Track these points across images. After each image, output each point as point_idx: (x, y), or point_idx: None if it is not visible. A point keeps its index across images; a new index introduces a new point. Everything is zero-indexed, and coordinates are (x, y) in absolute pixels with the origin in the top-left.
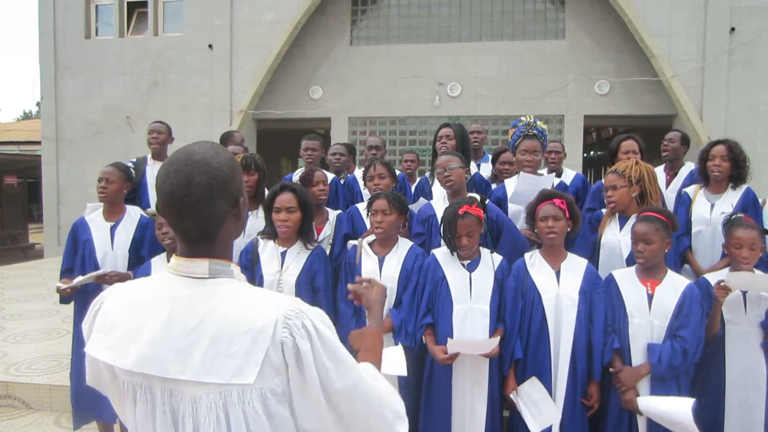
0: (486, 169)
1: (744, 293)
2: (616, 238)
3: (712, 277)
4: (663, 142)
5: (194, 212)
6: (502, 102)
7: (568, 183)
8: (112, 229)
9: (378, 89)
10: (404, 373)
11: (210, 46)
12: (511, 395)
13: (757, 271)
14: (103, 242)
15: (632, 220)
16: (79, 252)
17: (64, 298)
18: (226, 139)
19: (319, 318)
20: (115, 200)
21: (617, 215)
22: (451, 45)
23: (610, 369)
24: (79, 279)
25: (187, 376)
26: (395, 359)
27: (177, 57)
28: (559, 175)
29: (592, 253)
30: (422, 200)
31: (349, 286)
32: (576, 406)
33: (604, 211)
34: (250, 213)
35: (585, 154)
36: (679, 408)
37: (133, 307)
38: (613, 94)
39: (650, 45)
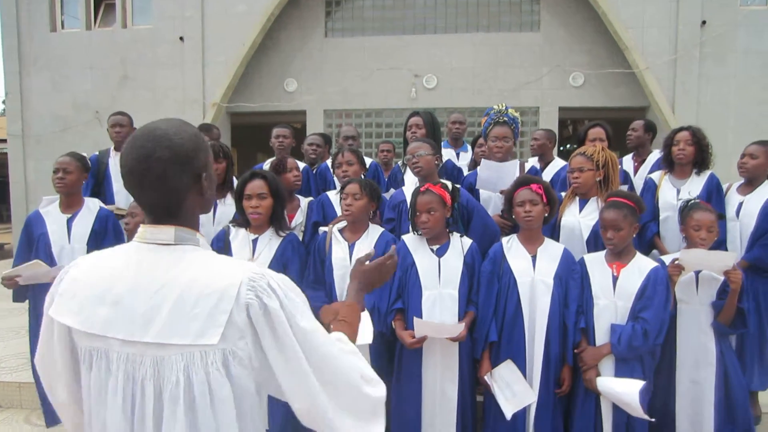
0: (465, 159)
1: (696, 274)
2: (576, 219)
3: (668, 259)
4: (627, 131)
5: (155, 186)
6: (478, 94)
7: (553, 172)
8: (69, 222)
9: (353, 81)
10: (369, 341)
11: (181, 38)
12: (486, 377)
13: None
14: (59, 235)
15: (592, 202)
16: (33, 247)
17: (17, 296)
18: (204, 132)
19: (284, 281)
20: (73, 191)
21: (577, 198)
22: (427, 37)
23: (575, 350)
24: (24, 266)
25: (150, 338)
26: (363, 327)
27: (147, 50)
28: (547, 164)
29: (551, 234)
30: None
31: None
32: (549, 389)
33: (563, 194)
34: (218, 201)
35: (561, 147)
36: (628, 389)
37: (99, 272)
38: (588, 86)
39: (623, 37)
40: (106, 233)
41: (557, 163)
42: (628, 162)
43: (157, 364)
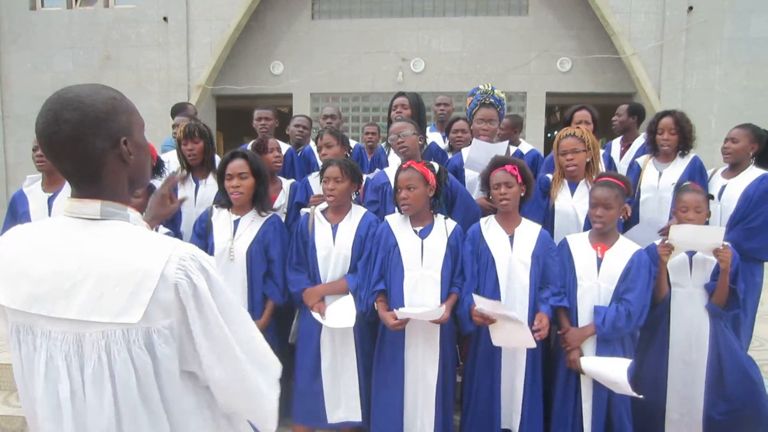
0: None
1: (690, 256)
2: (570, 204)
3: (659, 241)
4: (614, 116)
5: (66, 151)
6: (466, 78)
7: (524, 152)
8: (50, 200)
9: (340, 65)
10: (351, 324)
11: (165, 18)
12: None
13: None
14: (41, 213)
15: (582, 185)
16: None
17: None
18: (179, 110)
19: (211, 263)
20: (53, 169)
21: (566, 181)
22: (415, 20)
23: (558, 332)
24: None
25: (72, 315)
26: (345, 310)
27: (130, 30)
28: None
29: (544, 217)
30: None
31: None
32: (527, 363)
33: (550, 176)
34: (200, 182)
35: (549, 134)
36: (616, 368)
37: (25, 248)
38: (575, 71)
39: (611, 22)
40: None
41: (524, 146)
42: (615, 146)
43: (79, 341)
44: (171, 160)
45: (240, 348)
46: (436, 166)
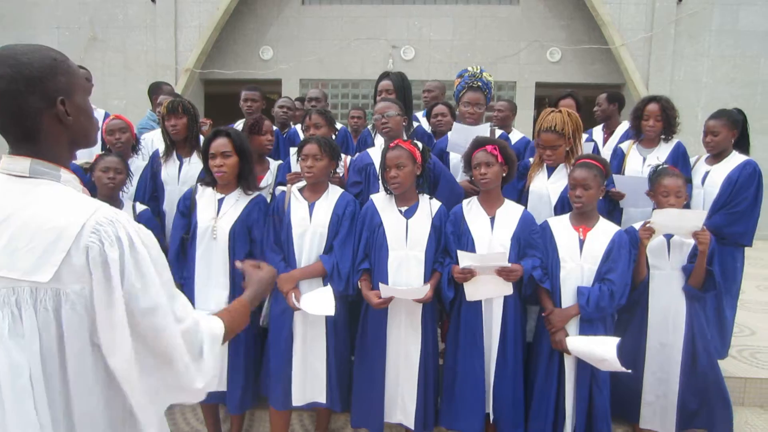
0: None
1: (668, 239)
2: (544, 185)
3: (639, 226)
4: (595, 106)
5: (0, 105)
6: (456, 67)
7: (513, 141)
8: None
9: (330, 51)
10: (331, 313)
11: (153, 0)
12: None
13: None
14: None
15: (560, 169)
16: None
17: None
18: (154, 90)
19: (139, 234)
20: None
21: (545, 165)
22: (405, 7)
23: (542, 314)
24: None
25: None
26: (323, 300)
27: (117, 11)
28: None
29: (518, 200)
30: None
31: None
32: (507, 347)
33: (531, 160)
34: (184, 160)
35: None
36: (604, 345)
37: None
38: (565, 61)
39: (601, 12)
40: None
41: (515, 135)
42: (598, 133)
43: None
44: (155, 139)
45: (138, 338)
46: (420, 144)
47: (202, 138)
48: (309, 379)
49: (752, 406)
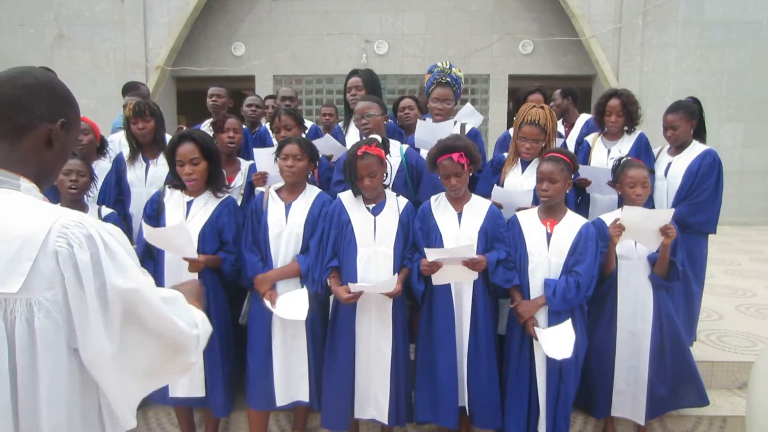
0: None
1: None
2: (519, 181)
3: (608, 218)
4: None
5: (17, 95)
6: (430, 60)
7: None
8: None
9: (303, 46)
10: (302, 317)
11: None
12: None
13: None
14: None
15: (534, 163)
16: None
17: None
18: (130, 89)
19: (109, 232)
20: None
21: (519, 160)
22: (378, 1)
23: (511, 305)
24: None
25: None
26: (297, 303)
27: (84, 8)
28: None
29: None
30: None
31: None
32: (479, 342)
33: (505, 155)
34: (150, 162)
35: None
36: (562, 329)
37: None
38: (537, 54)
39: (571, 5)
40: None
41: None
42: (559, 128)
43: None
44: (123, 141)
45: (130, 322)
46: (380, 138)
47: (168, 136)
48: (292, 378)
49: (719, 388)
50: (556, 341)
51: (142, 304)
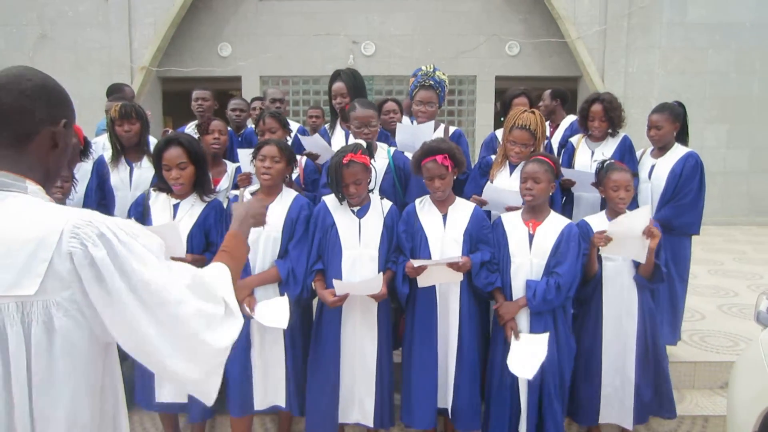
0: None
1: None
2: (506, 183)
3: (591, 221)
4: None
5: (18, 102)
6: (417, 62)
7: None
8: None
9: (290, 47)
10: (284, 326)
11: None
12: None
13: (627, 211)
14: None
15: (521, 165)
16: None
17: None
18: (115, 91)
19: (119, 226)
20: None
21: (508, 163)
22: (365, 2)
23: (493, 307)
24: None
25: None
26: (278, 310)
27: (67, 7)
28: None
29: (480, 193)
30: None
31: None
32: (464, 342)
33: (493, 157)
34: (134, 164)
35: (502, 118)
36: (536, 339)
37: None
38: (523, 55)
39: (557, 7)
40: None
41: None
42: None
43: None
44: (106, 144)
45: (150, 323)
46: (365, 145)
47: (152, 139)
48: (270, 383)
49: (702, 388)
50: (525, 355)
51: (156, 298)
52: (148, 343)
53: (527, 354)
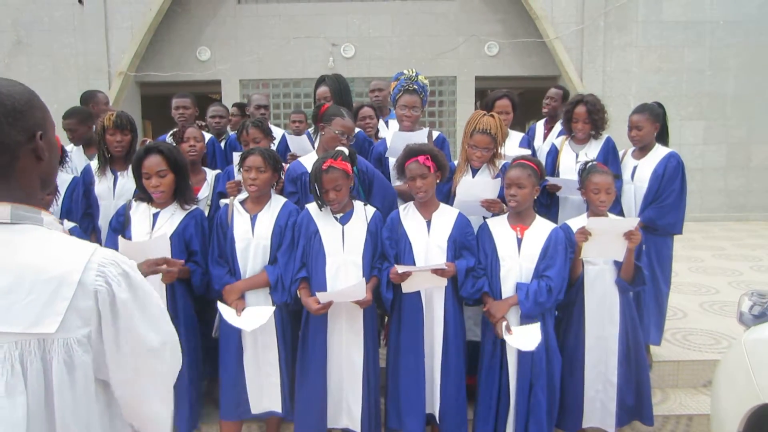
0: (395, 126)
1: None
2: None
3: (573, 223)
4: (545, 99)
5: None
6: (396, 63)
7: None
8: None
9: (270, 50)
10: (262, 322)
11: (80, 1)
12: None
13: (611, 215)
14: None
15: (483, 169)
16: None
17: None
18: (88, 98)
19: (134, 269)
20: None
21: (469, 166)
22: (343, 5)
23: (483, 309)
24: None
25: None
26: (260, 318)
27: (43, 13)
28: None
29: (445, 201)
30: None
31: None
32: (449, 348)
33: (456, 162)
34: (119, 174)
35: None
36: (529, 330)
37: None
38: (503, 55)
39: (534, 6)
40: None
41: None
42: (539, 129)
43: None
44: (74, 150)
45: (143, 367)
46: (347, 151)
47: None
48: (265, 388)
49: (686, 387)
50: (523, 337)
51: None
52: (135, 383)
53: (524, 336)
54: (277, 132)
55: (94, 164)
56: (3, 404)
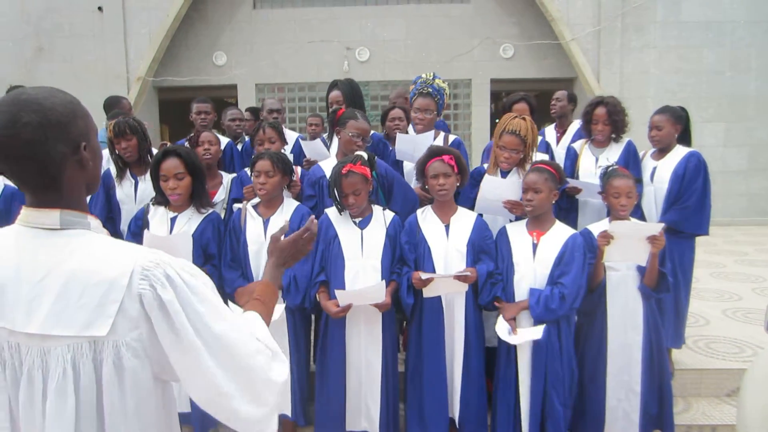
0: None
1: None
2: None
3: (595, 228)
4: (551, 102)
5: (26, 155)
6: (411, 66)
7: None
8: None
9: (285, 54)
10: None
11: (100, 8)
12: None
13: (634, 219)
14: None
15: (513, 173)
16: None
17: None
18: (113, 104)
19: (183, 267)
20: None
21: (499, 170)
22: (358, 8)
23: (496, 304)
24: None
25: (34, 329)
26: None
27: (63, 20)
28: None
29: (472, 207)
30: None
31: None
32: (471, 351)
33: (486, 166)
34: (138, 178)
35: (497, 120)
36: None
37: None
38: (518, 57)
39: (550, 8)
40: (10, 214)
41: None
42: (551, 132)
43: (44, 355)
44: (109, 157)
45: (218, 367)
46: (366, 155)
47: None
48: None
49: (709, 396)
50: (523, 337)
51: (220, 342)
52: (216, 385)
53: (519, 340)
54: (291, 136)
55: (113, 169)
56: (53, 405)
